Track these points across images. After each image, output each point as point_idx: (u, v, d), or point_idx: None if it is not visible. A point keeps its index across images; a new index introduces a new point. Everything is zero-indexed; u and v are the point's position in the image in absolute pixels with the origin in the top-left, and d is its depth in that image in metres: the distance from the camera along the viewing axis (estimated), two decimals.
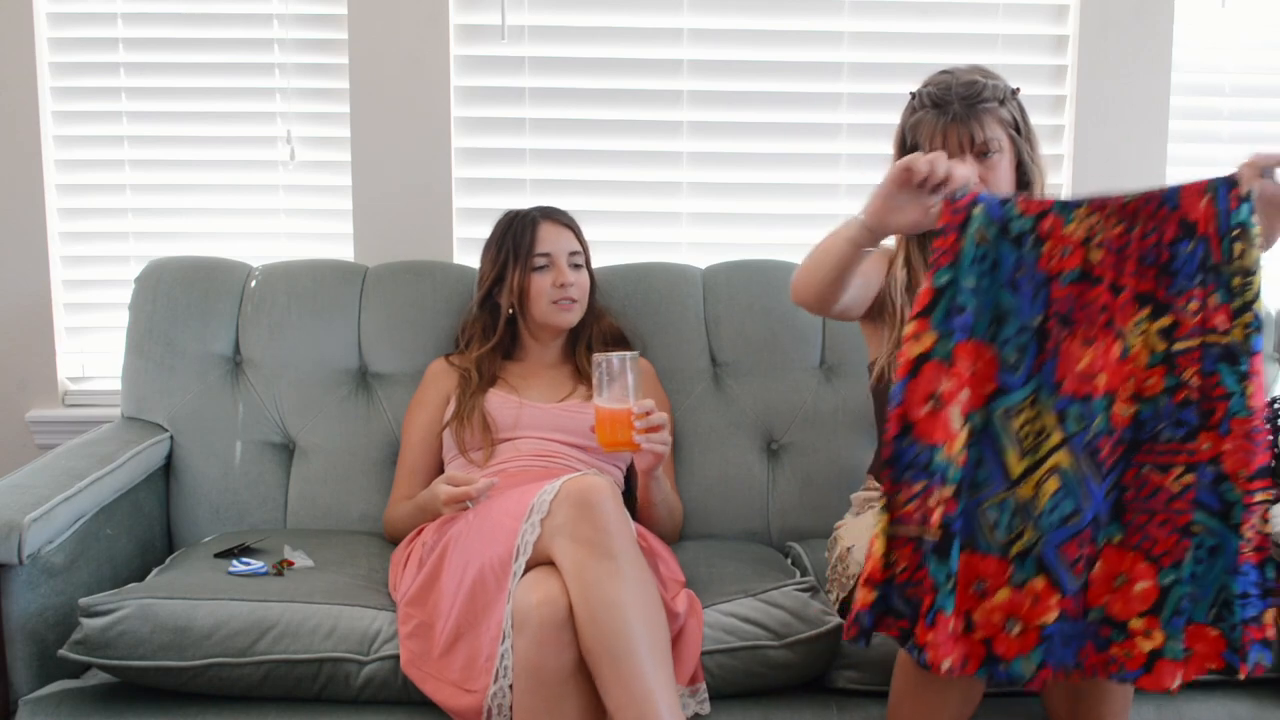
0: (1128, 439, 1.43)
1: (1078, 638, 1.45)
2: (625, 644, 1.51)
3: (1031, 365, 1.45)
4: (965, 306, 1.44)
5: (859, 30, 2.49)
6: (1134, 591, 1.44)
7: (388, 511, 2.09)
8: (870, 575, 1.47)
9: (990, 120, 1.78)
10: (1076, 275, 1.45)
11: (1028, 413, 1.45)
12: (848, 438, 2.20)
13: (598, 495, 1.61)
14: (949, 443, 1.42)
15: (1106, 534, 1.44)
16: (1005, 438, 1.45)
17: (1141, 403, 1.43)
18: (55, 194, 2.49)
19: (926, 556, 1.44)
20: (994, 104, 1.79)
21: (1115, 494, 1.44)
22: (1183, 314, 1.41)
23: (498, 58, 2.48)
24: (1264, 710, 1.79)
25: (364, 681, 1.68)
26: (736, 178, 2.53)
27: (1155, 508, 1.43)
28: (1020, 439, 1.44)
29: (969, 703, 1.60)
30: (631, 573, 1.58)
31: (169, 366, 2.21)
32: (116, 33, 2.46)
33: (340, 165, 2.48)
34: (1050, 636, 1.44)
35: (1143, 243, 1.43)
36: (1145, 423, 1.43)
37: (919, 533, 1.45)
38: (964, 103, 1.77)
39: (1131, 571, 1.44)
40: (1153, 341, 1.42)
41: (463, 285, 2.26)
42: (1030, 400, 1.45)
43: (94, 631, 1.64)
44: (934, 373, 1.44)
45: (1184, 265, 1.41)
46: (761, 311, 2.26)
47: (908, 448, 1.45)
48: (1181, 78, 2.51)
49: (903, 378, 1.45)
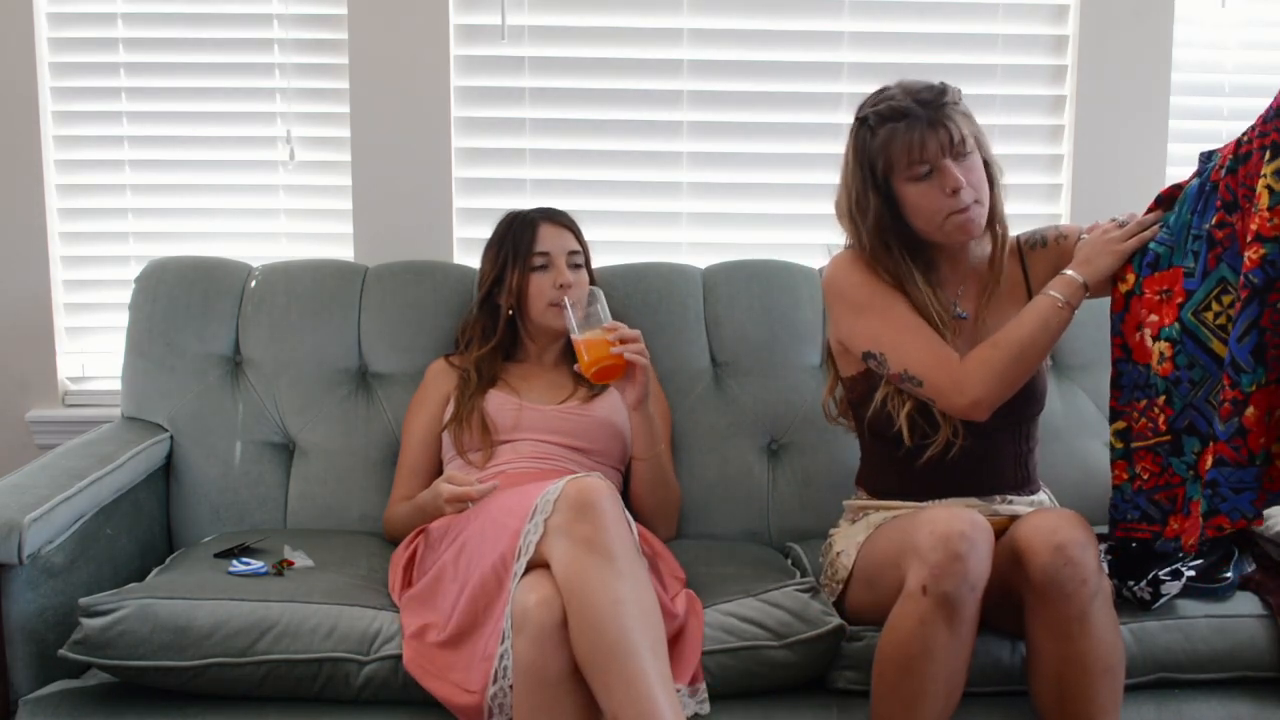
0: (1256, 281, 1.47)
1: (1250, 487, 1.52)
2: (627, 643, 1.51)
3: (1206, 263, 1.58)
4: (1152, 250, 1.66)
5: (859, 30, 2.49)
6: (1277, 419, 1.49)
7: (387, 512, 2.09)
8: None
9: (958, 118, 1.74)
10: (1232, 163, 1.55)
11: (1219, 304, 1.57)
12: (848, 438, 2.19)
13: (596, 495, 1.61)
14: (1151, 360, 1.64)
15: (1254, 379, 1.49)
16: (1203, 331, 1.58)
17: (1266, 243, 1.46)
18: (55, 194, 2.49)
19: (1168, 459, 1.64)
20: (954, 104, 1.75)
21: (1253, 337, 1.48)
22: None
23: (498, 58, 2.48)
24: (1264, 710, 1.79)
25: (364, 681, 1.68)
26: (736, 178, 2.53)
27: None
28: (1220, 328, 1.56)
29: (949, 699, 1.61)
30: (630, 571, 1.57)
31: (169, 366, 2.21)
32: (116, 33, 2.46)
33: (340, 165, 2.48)
34: (1215, 483, 1.53)
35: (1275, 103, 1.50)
36: (1275, 262, 1.46)
37: (1154, 440, 1.65)
38: (929, 107, 1.72)
39: (1276, 402, 1.49)
40: (1271, 181, 1.46)
41: (463, 285, 2.26)
42: (1219, 290, 1.56)
43: (94, 631, 1.64)
44: (1138, 306, 1.68)
45: None
46: (761, 311, 2.26)
47: (1130, 370, 1.70)
48: (1181, 78, 2.51)
49: (1117, 311, 1.71)
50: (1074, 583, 1.57)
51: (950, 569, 1.54)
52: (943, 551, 1.55)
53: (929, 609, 1.55)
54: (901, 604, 1.59)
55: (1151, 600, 1.79)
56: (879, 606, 1.68)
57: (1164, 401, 1.64)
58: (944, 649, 1.57)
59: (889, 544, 1.72)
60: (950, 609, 1.55)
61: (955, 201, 1.73)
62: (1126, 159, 2.49)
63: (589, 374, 1.87)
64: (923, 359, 1.75)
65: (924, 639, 1.56)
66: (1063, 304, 1.71)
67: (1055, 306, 1.71)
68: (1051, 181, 2.54)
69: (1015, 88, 2.52)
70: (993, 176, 1.80)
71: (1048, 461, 2.00)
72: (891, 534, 1.74)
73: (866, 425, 1.89)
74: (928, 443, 1.78)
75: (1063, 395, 2.24)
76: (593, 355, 1.86)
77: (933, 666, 1.57)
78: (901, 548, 1.64)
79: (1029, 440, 1.88)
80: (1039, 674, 1.64)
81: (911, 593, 1.57)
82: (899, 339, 1.77)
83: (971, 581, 1.56)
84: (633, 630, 1.52)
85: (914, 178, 1.74)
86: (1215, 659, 1.79)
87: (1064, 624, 1.58)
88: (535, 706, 1.53)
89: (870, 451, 1.95)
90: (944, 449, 1.78)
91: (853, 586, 1.79)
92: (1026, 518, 1.67)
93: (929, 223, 1.77)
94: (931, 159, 1.72)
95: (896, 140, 1.73)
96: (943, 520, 1.58)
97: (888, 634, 1.62)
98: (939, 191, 1.74)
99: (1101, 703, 1.61)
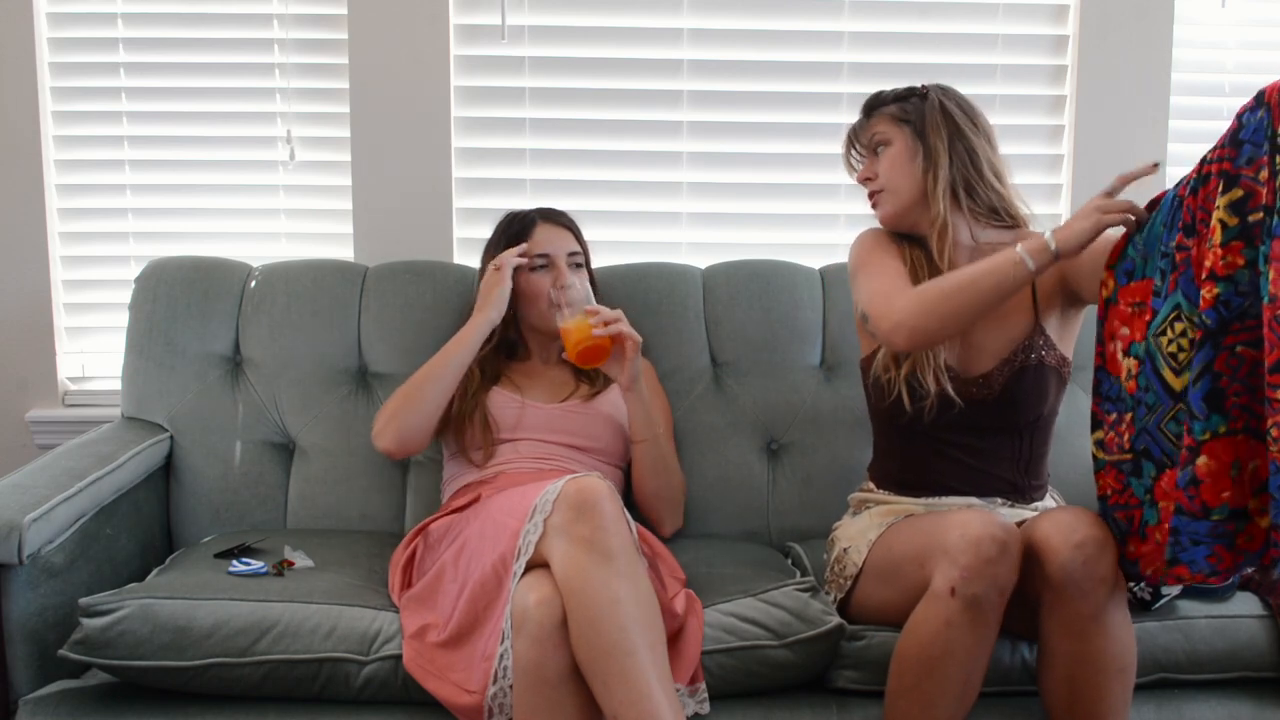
0: (1210, 323, 1.41)
1: (1204, 541, 1.45)
2: (627, 642, 1.51)
3: (1168, 285, 1.50)
4: (1130, 257, 1.59)
5: (859, 30, 2.49)
6: (1249, 472, 1.42)
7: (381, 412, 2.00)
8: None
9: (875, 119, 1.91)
10: (1194, 183, 1.49)
11: (1171, 330, 1.49)
12: (848, 438, 2.20)
13: (596, 495, 1.61)
14: (1121, 374, 1.58)
15: (1206, 426, 1.42)
16: (1159, 358, 1.51)
17: (1220, 282, 1.40)
18: (55, 194, 2.49)
19: (1129, 478, 1.57)
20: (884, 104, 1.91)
21: (1205, 383, 1.41)
22: (1253, 184, 1.38)
23: (498, 58, 2.48)
24: (1264, 710, 1.79)
25: (364, 681, 1.68)
26: (736, 178, 2.53)
27: (1254, 384, 1.40)
28: (1171, 355, 1.49)
29: (965, 700, 1.61)
30: (629, 571, 1.58)
31: (169, 366, 2.22)
32: (116, 33, 2.46)
33: (340, 165, 2.48)
34: (1176, 530, 1.47)
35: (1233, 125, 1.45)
36: (1228, 302, 1.40)
37: (1118, 456, 1.58)
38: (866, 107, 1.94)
39: (1244, 454, 1.42)
40: (1224, 215, 1.40)
41: (463, 285, 2.26)
42: (1174, 316, 1.48)
43: (94, 631, 1.64)
44: (1113, 315, 1.61)
45: (1253, 135, 1.39)
46: (761, 311, 2.26)
47: (1106, 379, 1.62)
48: (1181, 78, 2.51)
49: (1100, 317, 1.64)
50: (1092, 581, 1.57)
51: (982, 572, 1.55)
52: (974, 554, 1.55)
53: (957, 611, 1.56)
54: (926, 604, 1.59)
55: (1152, 600, 1.79)
56: (892, 604, 1.69)
57: (1130, 419, 1.58)
58: (967, 652, 1.57)
59: (910, 542, 1.72)
60: (977, 612, 1.56)
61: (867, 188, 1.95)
62: (1126, 159, 2.45)
63: (574, 357, 1.89)
64: (872, 288, 1.81)
65: (948, 641, 1.57)
66: (1019, 259, 1.64)
67: (1012, 260, 1.65)
68: (1051, 181, 2.54)
69: (1015, 88, 2.52)
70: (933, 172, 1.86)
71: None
72: (913, 533, 1.74)
73: (870, 396, 1.92)
74: (923, 404, 1.81)
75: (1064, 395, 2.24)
76: (575, 338, 1.88)
77: (954, 668, 1.58)
78: (927, 547, 1.64)
79: (1031, 445, 1.87)
80: (1051, 673, 1.64)
81: (939, 594, 1.57)
82: (867, 281, 1.84)
83: (1000, 585, 1.57)
84: (631, 629, 1.52)
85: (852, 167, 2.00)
86: (1215, 659, 1.79)
87: (1080, 623, 1.59)
88: (535, 706, 1.53)
89: (880, 435, 1.97)
90: (940, 407, 1.80)
91: (863, 583, 1.79)
92: (1044, 515, 1.67)
93: None
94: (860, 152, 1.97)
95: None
96: (976, 523, 1.58)
97: (909, 634, 1.62)
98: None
99: (1112, 703, 1.61)
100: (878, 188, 1.92)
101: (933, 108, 1.86)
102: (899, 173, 1.88)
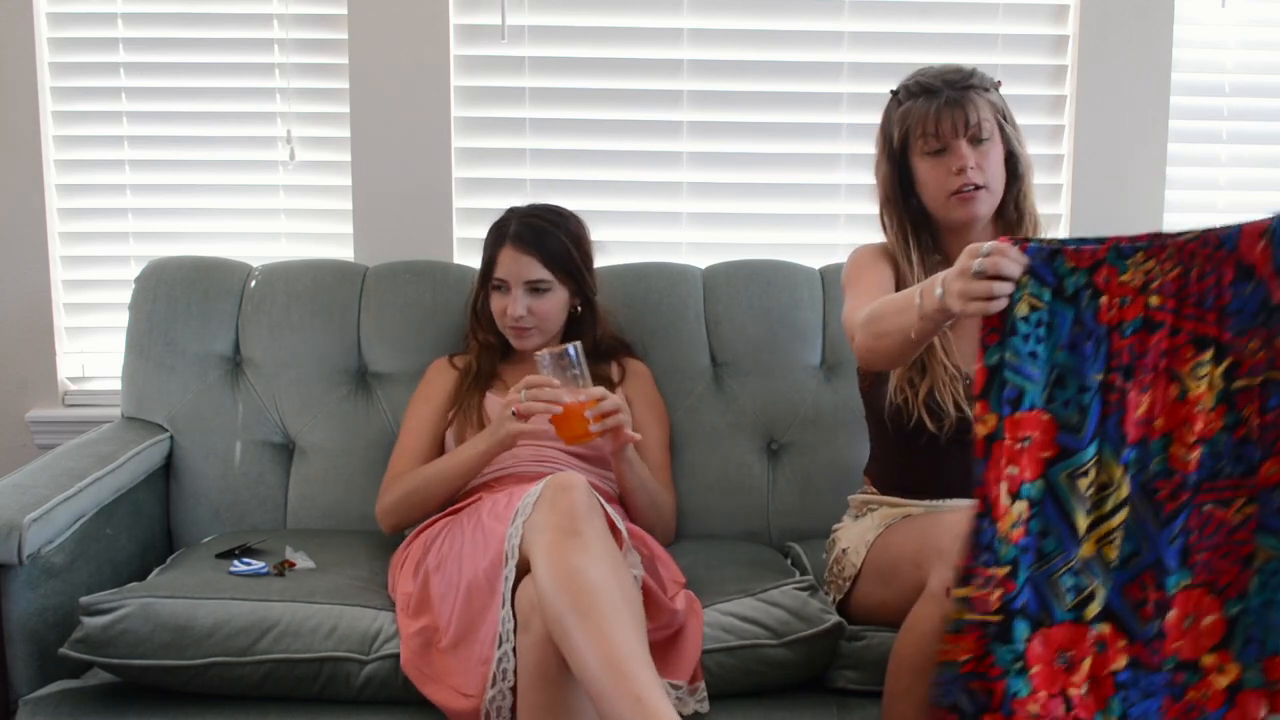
0: (1191, 483, 1.40)
1: (1158, 692, 1.41)
2: (591, 600, 1.48)
3: (1096, 423, 1.40)
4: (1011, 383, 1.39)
5: (859, 30, 2.49)
6: (1202, 627, 1.41)
7: (384, 495, 2.01)
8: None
9: (981, 103, 1.78)
10: (1139, 324, 1.39)
11: (1094, 472, 1.40)
12: (848, 438, 2.20)
13: (568, 485, 1.62)
14: (1000, 520, 1.39)
15: (1177, 580, 1.41)
16: (1072, 500, 1.40)
17: (1205, 444, 1.39)
18: (55, 194, 2.49)
19: (992, 643, 1.39)
20: (981, 90, 1.80)
21: (1181, 539, 1.41)
22: (1243, 353, 1.38)
23: (498, 58, 2.48)
24: None
25: (364, 681, 1.68)
26: (737, 178, 2.53)
27: (1218, 541, 1.41)
28: (1087, 498, 1.40)
29: None
30: (598, 545, 1.56)
31: (169, 366, 2.22)
32: (116, 33, 2.46)
33: (340, 165, 2.48)
34: (1125, 685, 1.40)
35: (1200, 284, 1.38)
36: (1204, 463, 1.40)
37: (982, 617, 1.40)
38: (953, 87, 1.78)
39: (1198, 608, 1.41)
40: (1216, 383, 1.39)
41: (463, 285, 2.26)
42: (1096, 460, 1.40)
43: (95, 630, 1.65)
44: (999, 453, 1.40)
45: (1244, 306, 1.38)
46: (761, 311, 2.26)
47: (987, 529, 1.40)
48: (1181, 78, 2.51)
49: (979, 458, 1.42)
50: None
51: None
52: None
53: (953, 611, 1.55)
54: (923, 605, 1.59)
55: None
56: (890, 605, 1.68)
57: (1005, 574, 1.40)
58: None
59: (906, 543, 1.71)
60: None
61: (960, 180, 1.77)
62: (1126, 159, 2.49)
63: (565, 441, 1.82)
64: (847, 306, 1.80)
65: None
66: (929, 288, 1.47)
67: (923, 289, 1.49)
68: (1052, 181, 2.54)
69: (1015, 88, 2.48)
70: (1018, 171, 1.83)
71: None
72: (910, 533, 1.73)
73: (887, 420, 1.87)
74: (943, 424, 1.79)
75: None
76: (569, 429, 1.78)
77: None
78: (923, 548, 1.63)
79: None
80: None
81: (934, 594, 1.56)
82: (848, 299, 1.82)
83: None
84: (599, 590, 1.49)
85: (926, 152, 1.80)
86: None
87: None
88: (539, 705, 1.53)
89: (879, 444, 1.95)
90: (959, 429, 1.77)
91: (862, 584, 1.79)
92: None
93: (934, 199, 1.82)
94: (944, 136, 1.76)
95: (913, 115, 1.79)
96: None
97: (906, 635, 1.61)
98: (946, 169, 1.78)
99: None
100: (980, 183, 1.78)
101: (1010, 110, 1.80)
102: (999, 175, 1.79)
